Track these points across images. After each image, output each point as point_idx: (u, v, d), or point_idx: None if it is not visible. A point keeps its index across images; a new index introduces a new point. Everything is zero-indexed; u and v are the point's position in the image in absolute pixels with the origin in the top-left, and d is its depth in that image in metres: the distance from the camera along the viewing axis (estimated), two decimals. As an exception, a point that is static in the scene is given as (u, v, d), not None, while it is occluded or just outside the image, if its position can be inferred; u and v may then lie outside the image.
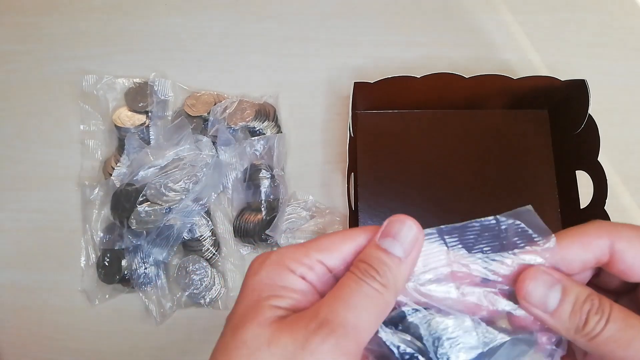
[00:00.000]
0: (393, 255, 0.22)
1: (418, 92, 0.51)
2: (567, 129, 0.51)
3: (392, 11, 0.60)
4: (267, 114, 0.55)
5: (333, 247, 0.23)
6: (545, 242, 0.23)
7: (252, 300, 0.22)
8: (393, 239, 0.23)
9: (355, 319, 0.21)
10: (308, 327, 0.20)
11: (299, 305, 0.22)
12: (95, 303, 0.51)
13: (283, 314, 0.22)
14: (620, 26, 0.59)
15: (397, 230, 0.23)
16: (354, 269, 0.22)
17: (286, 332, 0.21)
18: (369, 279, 0.22)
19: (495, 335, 0.22)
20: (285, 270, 0.23)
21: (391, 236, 0.23)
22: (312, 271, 0.23)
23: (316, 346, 0.20)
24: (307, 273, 0.23)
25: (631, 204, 0.53)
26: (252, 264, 0.24)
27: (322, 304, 0.21)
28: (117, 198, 0.51)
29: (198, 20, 0.60)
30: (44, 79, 0.59)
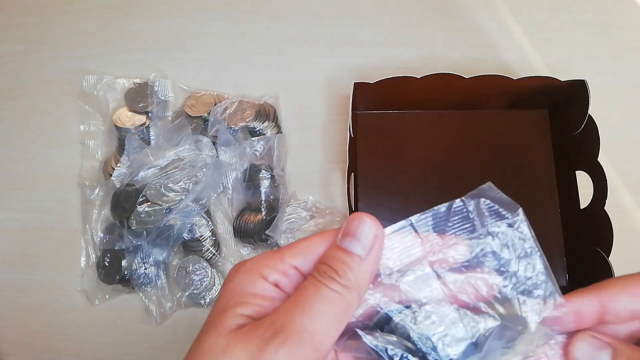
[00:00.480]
0: (353, 254, 0.22)
1: (418, 92, 0.51)
2: (567, 129, 0.51)
3: (392, 11, 0.60)
4: (267, 114, 0.55)
5: (307, 251, 0.23)
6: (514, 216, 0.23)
7: (219, 308, 0.22)
8: (352, 238, 0.22)
9: (312, 323, 0.20)
10: (263, 336, 0.20)
11: (265, 313, 0.22)
12: (95, 303, 0.51)
13: (244, 322, 0.21)
14: (620, 26, 0.59)
15: (356, 229, 0.22)
16: (313, 272, 0.22)
17: (241, 341, 0.20)
18: (328, 280, 0.21)
19: (484, 323, 0.22)
20: (257, 277, 0.22)
21: (350, 235, 0.22)
22: (286, 277, 0.23)
23: (269, 355, 0.19)
24: (280, 279, 0.22)
25: (631, 204, 0.53)
26: (230, 272, 0.24)
27: (280, 311, 0.21)
28: (117, 198, 0.51)
29: (198, 20, 0.60)
30: (44, 79, 0.59)
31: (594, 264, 0.45)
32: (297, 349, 0.20)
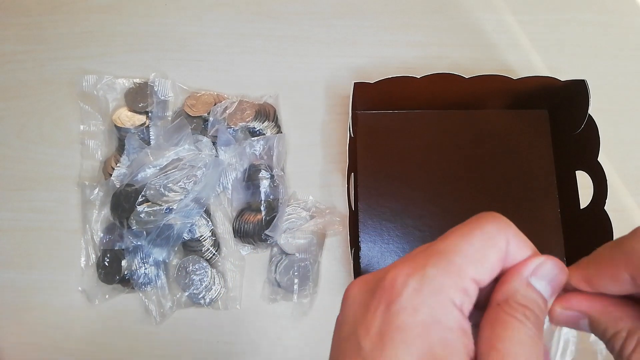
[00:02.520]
0: (543, 297, 0.20)
1: (418, 92, 0.51)
2: (567, 129, 0.51)
3: (392, 11, 0.60)
4: (267, 114, 0.55)
5: (484, 259, 0.20)
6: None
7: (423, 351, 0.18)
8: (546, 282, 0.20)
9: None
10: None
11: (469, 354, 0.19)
12: (95, 303, 0.51)
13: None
14: (620, 26, 0.59)
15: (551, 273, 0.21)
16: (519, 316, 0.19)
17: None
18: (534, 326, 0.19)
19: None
20: (449, 305, 0.19)
21: (544, 278, 0.20)
22: (468, 298, 0.19)
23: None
24: (465, 302, 0.19)
25: (631, 204, 0.53)
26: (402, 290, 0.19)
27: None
28: (117, 198, 0.51)
29: (198, 20, 0.60)
30: (44, 79, 0.59)
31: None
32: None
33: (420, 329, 0.18)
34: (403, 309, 0.19)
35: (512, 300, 0.20)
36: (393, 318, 0.19)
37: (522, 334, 0.19)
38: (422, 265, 0.19)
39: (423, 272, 0.19)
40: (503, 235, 0.20)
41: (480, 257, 0.20)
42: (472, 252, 0.20)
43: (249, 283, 0.52)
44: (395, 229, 0.52)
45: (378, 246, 0.52)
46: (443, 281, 0.19)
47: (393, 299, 0.19)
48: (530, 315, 0.19)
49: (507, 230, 0.20)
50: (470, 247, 0.20)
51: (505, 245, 0.20)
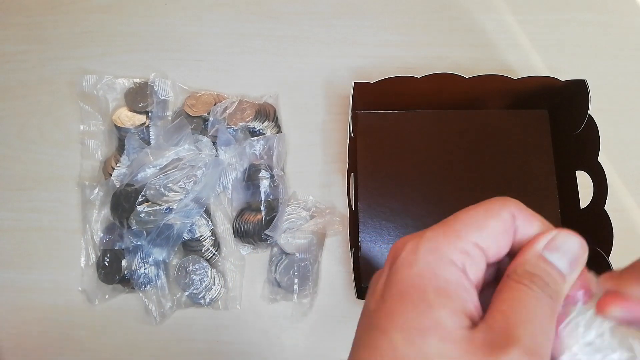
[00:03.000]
0: (557, 269, 0.20)
1: (418, 92, 0.51)
2: (567, 129, 0.51)
3: (392, 11, 0.60)
4: (267, 114, 0.55)
5: (483, 225, 0.20)
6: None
7: (417, 298, 0.19)
8: (560, 254, 0.21)
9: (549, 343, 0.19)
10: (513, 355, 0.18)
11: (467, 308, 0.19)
12: (95, 303, 0.51)
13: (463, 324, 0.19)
14: (620, 26, 0.59)
15: (565, 245, 0.21)
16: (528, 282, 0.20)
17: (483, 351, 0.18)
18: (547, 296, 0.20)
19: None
20: (446, 261, 0.20)
21: (558, 250, 0.21)
22: (470, 259, 0.20)
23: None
24: (466, 262, 0.20)
25: (631, 204, 0.53)
26: (401, 252, 0.20)
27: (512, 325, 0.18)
28: (117, 198, 0.51)
29: (198, 20, 0.60)
30: (44, 79, 0.59)
31: (594, 264, 0.45)
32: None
33: (416, 280, 0.19)
34: (401, 266, 0.20)
35: (520, 269, 0.20)
36: (392, 276, 0.20)
37: (528, 297, 0.19)
38: (423, 232, 0.21)
39: (422, 235, 0.20)
40: (506, 209, 0.21)
41: (480, 224, 0.20)
42: (472, 220, 0.20)
43: (249, 283, 0.52)
44: (395, 229, 0.52)
45: (378, 246, 0.52)
46: (440, 240, 0.20)
47: (394, 261, 0.20)
48: (540, 284, 0.20)
49: (512, 205, 0.21)
50: (471, 217, 0.21)
51: (509, 218, 0.21)
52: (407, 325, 0.19)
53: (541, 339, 0.19)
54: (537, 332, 0.19)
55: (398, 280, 0.20)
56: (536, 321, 0.19)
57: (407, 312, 0.19)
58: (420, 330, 0.18)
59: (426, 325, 0.18)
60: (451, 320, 0.19)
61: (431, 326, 0.18)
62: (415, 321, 0.19)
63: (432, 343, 0.18)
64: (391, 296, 0.20)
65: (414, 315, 0.19)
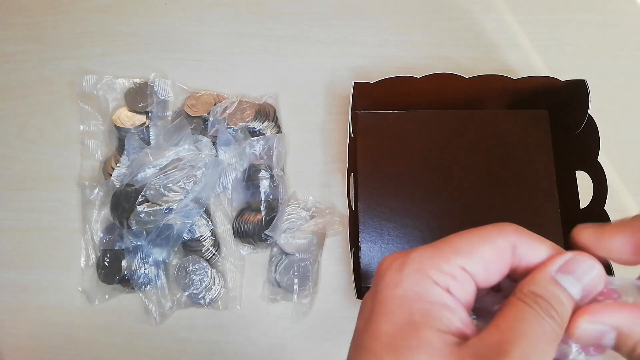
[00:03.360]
0: (569, 294, 0.20)
1: (418, 92, 0.51)
2: (567, 129, 0.51)
3: (392, 11, 0.60)
4: (267, 114, 0.55)
5: (473, 251, 0.20)
6: None
7: (402, 319, 0.19)
8: (573, 278, 0.20)
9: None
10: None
11: (454, 326, 0.19)
12: (95, 303, 0.51)
13: (450, 340, 0.19)
14: (620, 26, 0.59)
15: (580, 270, 0.20)
16: (529, 301, 0.20)
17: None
18: (549, 318, 0.19)
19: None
20: (429, 282, 0.20)
21: (572, 273, 0.20)
22: (455, 281, 0.20)
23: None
24: (451, 284, 0.20)
25: (631, 204, 0.53)
26: (386, 272, 0.21)
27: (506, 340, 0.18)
28: (117, 198, 0.51)
29: (198, 20, 0.60)
30: (44, 79, 0.59)
31: (594, 264, 0.45)
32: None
33: (401, 300, 0.20)
34: (386, 286, 0.20)
35: (526, 289, 0.20)
36: (378, 295, 0.20)
37: (528, 315, 0.19)
38: (410, 251, 0.21)
39: (408, 255, 0.21)
40: (503, 236, 0.21)
41: (470, 250, 0.20)
42: (462, 244, 0.21)
43: (249, 283, 0.52)
44: (395, 229, 0.52)
45: (378, 246, 0.52)
46: (425, 262, 0.20)
47: (379, 279, 0.21)
48: (544, 305, 0.19)
49: (511, 232, 0.21)
50: (462, 241, 0.21)
51: (505, 245, 0.20)
52: (395, 345, 0.19)
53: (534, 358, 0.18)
54: (530, 350, 0.18)
55: (383, 300, 0.20)
56: (532, 340, 0.18)
57: (394, 332, 0.19)
58: (409, 349, 0.19)
59: (414, 344, 0.19)
60: (438, 339, 0.19)
61: (419, 345, 0.19)
62: (404, 341, 0.19)
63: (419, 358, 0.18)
64: (377, 316, 0.20)
65: (401, 335, 0.19)
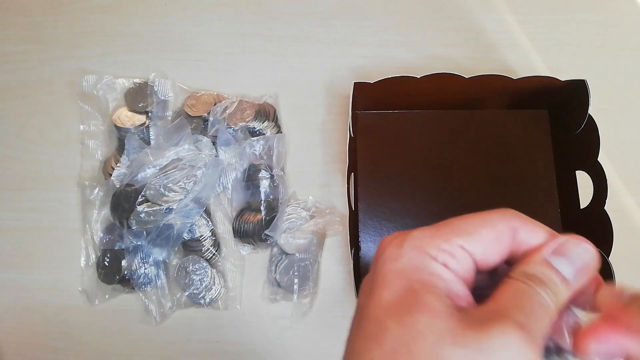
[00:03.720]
0: (561, 275, 0.21)
1: (418, 92, 0.51)
2: (567, 129, 0.51)
3: (392, 11, 0.60)
4: (267, 114, 0.55)
5: (473, 232, 0.21)
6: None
7: (402, 288, 0.20)
8: (566, 259, 0.21)
9: (543, 331, 0.19)
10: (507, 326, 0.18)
11: (452, 296, 0.20)
12: (95, 303, 0.51)
13: (449, 304, 0.20)
14: (620, 26, 0.59)
15: (572, 252, 0.21)
16: (525, 280, 0.20)
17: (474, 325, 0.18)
18: (543, 292, 0.20)
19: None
20: (427, 257, 0.21)
21: (564, 255, 0.21)
22: (453, 258, 0.21)
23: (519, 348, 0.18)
24: (449, 260, 0.21)
25: (631, 204, 0.53)
26: (386, 249, 0.22)
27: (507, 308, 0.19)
28: (117, 198, 0.51)
29: (198, 20, 0.60)
30: (44, 79, 0.59)
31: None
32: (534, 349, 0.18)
33: (400, 273, 0.21)
34: (385, 261, 0.21)
35: (520, 270, 0.21)
36: (378, 270, 0.21)
37: (524, 290, 0.20)
38: (411, 230, 0.22)
39: (408, 234, 0.22)
40: (504, 220, 0.22)
41: (470, 230, 0.21)
42: (463, 225, 0.22)
43: (249, 283, 0.52)
44: (395, 229, 0.52)
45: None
46: (424, 240, 0.21)
47: (379, 256, 0.22)
48: (539, 284, 0.20)
49: (513, 217, 0.22)
50: (463, 223, 0.22)
51: (505, 229, 0.21)
52: (396, 310, 0.20)
53: (534, 324, 0.19)
54: (528, 316, 0.19)
55: (384, 273, 0.21)
56: (529, 309, 0.19)
57: (395, 300, 0.20)
58: (409, 311, 0.19)
59: (414, 307, 0.19)
60: (438, 302, 0.19)
61: (420, 307, 0.19)
62: (404, 306, 0.20)
63: (422, 320, 0.19)
64: (378, 288, 0.21)
65: (402, 301, 0.20)
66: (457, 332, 0.18)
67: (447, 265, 0.21)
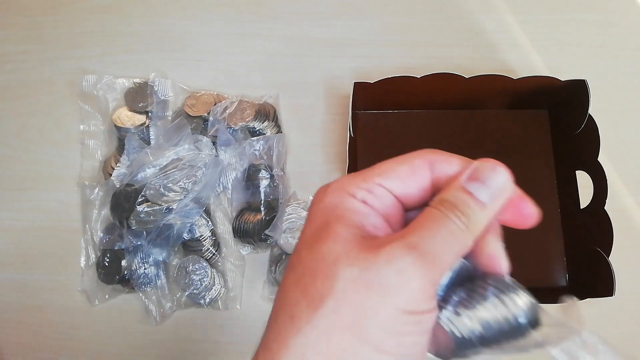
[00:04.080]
0: (478, 199, 0.21)
1: (418, 92, 0.51)
2: (567, 129, 0.51)
3: (392, 11, 0.60)
4: (267, 114, 0.55)
5: (390, 170, 0.23)
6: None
7: (320, 222, 0.22)
8: (481, 184, 0.22)
9: (442, 252, 0.20)
10: (395, 246, 0.20)
11: (365, 227, 0.22)
12: (95, 303, 0.51)
13: (357, 232, 0.21)
14: (620, 26, 0.59)
15: (486, 176, 0.22)
16: (437, 205, 0.22)
17: (369, 248, 0.20)
18: (455, 217, 0.21)
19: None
20: (346, 195, 0.23)
21: (479, 180, 0.22)
22: (372, 194, 0.23)
23: (406, 266, 0.19)
24: (367, 197, 0.23)
25: (631, 204, 0.53)
26: (316, 195, 0.24)
27: (408, 232, 0.21)
28: (117, 198, 0.51)
29: (198, 20, 0.60)
30: (44, 79, 0.59)
31: (594, 264, 0.45)
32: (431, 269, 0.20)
33: (322, 211, 0.23)
34: (313, 202, 0.24)
35: (438, 198, 0.22)
36: (308, 213, 0.24)
37: (436, 216, 0.21)
38: (336, 179, 0.24)
39: (334, 181, 0.24)
40: (419, 157, 0.23)
41: (387, 169, 0.23)
42: (382, 166, 0.23)
43: (249, 283, 0.52)
44: (395, 229, 0.52)
45: (378, 246, 0.52)
46: (345, 182, 0.23)
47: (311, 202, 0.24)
48: (453, 210, 0.21)
49: (427, 153, 0.23)
50: (381, 164, 0.24)
51: (421, 163, 0.23)
52: (309, 239, 0.22)
53: (435, 247, 0.20)
54: (431, 239, 0.20)
55: (310, 214, 0.23)
56: (434, 232, 0.20)
57: (311, 231, 0.22)
58: (319, 240, 0.21)
59: (324, 236, 0.21)
60: (345, 230, 0.21)
61: (328, 235, 0.21)
62: (316, 235, 0.22)
63: (326, 245, 0.21)
64: (305, 227, 0.23)
65: (316, 232, 0.22)
66: (352, 254, 0.20)
67: (365, 202, 0.22)
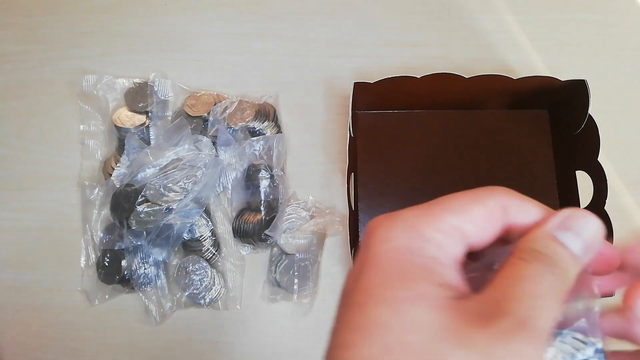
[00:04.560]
0: (570, 250, 0.19)
1: (418, 92, 0.51)
2: (567, 129, 0.51)
3: (392, 11, 0.60)
4: (267, 114, 0.55)
5: (463, 210, 0.20)
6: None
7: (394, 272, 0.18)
8: (572, 234, 0.19)
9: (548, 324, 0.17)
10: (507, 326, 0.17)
11: (448, 281, 0.18)
12: (95, 303, 0.51)
13: (446, 294, 0.18)
14: (620, 26, 0.59)
15: (579, 225, 0.20)
16: (530, 258, 0.19)
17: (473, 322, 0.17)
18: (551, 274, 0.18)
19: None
20: (421, 238, 0.19)
21: (571, 230, 0.19)
22: (447, 238, 0.19)
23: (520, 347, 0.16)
24: (443, 241, 0.19)
25: (631, 204, 0.53)
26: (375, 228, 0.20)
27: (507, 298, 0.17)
28: (117, 198, 0.51)
29: (198, 20, 0.60)
30: (44, 79, 0.59)
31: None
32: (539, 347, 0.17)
33: (392, 254, 0.19)
34: (376, 242, 0.19)
35: (525, 246, 0.19)
36: (368, 252, 0.19)
37: (529, 273, 0.18)
38: (399, 211, 0.20)
39: (398, 214, 0.20)
40: (494, 197, 0.20)
41: (462, 209, 0.20)
42: (454, 204, 0.20)
43: (249, 283, 0.52)
44: (395, 229, 0.52)
45: (378, 246, 0.52)
46: (416, 219, 0.20)
47: (368, 238, 0.20)
48: (546, 261, 0.18)
49: (502, 194, 0.20)
50: (453, 201, 0.20)
51: (496, 206, 0.20)
52: (390, 297, 0.18)
53: (539, 314, 0.17)
54: (534, 306, 0.17)
55: (374, 255, 0.19)
56: (535, 296, 0.18)
57: (388, 285, 0.18)
58: (406, 301, 0.17)
59: (411, 296, 0.18)
60: (435, 291, 0.18)
61: (417, 297, 0.17)
62: (399, 293, 0.18)
63: (420, 312, 0.17)
64: (368, 272, 0.19)
65: (394, 287, 0.18)
66: (458, 329, 0.17)
67: (440, 247, 0.19)
